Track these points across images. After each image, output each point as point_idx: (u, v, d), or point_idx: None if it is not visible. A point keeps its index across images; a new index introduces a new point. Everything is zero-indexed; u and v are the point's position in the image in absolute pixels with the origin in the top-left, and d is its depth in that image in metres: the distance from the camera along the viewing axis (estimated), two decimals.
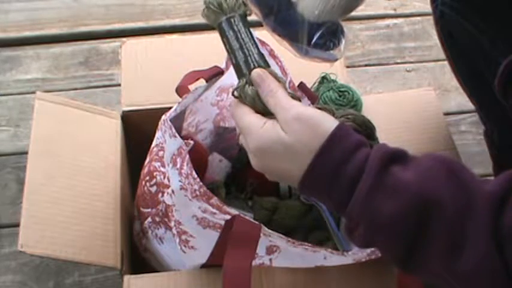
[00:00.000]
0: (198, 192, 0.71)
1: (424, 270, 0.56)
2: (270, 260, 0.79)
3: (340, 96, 0.99)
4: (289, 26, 0.72)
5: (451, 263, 0.53)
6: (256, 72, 0.65)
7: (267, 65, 0.67)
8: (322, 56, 0.75)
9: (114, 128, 0.98)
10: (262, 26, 0.76)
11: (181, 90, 0.85)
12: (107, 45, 1.42)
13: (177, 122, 0.84)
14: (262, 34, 0.89)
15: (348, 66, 1.22)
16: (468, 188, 0.54)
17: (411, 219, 0.54)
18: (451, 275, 0.54)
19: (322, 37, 0.72)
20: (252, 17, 0.77)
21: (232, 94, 0.67)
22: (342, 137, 0.57)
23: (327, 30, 0.72)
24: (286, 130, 0.59)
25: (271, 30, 0.74)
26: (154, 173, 0.84)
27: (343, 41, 0.74)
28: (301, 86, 0.90)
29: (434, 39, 1.02)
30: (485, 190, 0.54)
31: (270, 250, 0.78)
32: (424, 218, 0.54)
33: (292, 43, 0.74)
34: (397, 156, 0.56)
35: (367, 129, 0.79)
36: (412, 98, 1.03)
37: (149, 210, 0.86)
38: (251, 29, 0.70)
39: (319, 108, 0.62)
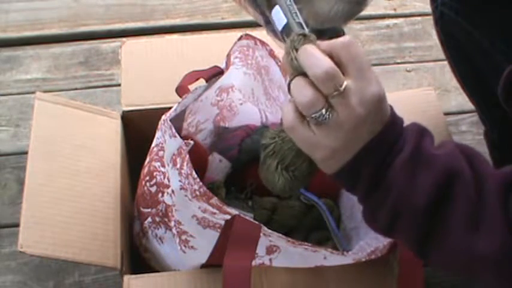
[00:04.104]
0: (198, 192, 0.71)
1: (443, 250, 0.57)
2: (270, 260, 0.79)
3: None
4: (292, 33, 0.72)
5: (470, 239, 0.55)
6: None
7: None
8: None
9: (114, 128, 0.98)
10: (262, 26, 0.76)
11: (181, 90, 0.85)
12: (107, 45, 1.42)
13: (177, 122, 0.84)
14: (263, 34, 0.90)
15: None
16: (483, 169, 0.57)
17: (440, 190, 0.56)
18: (468, 253, 0.56)
19: None
20: (249, 18, 0.77)
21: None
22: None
23: (330, 36, 0.72)
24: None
25: (273, 36, 0.74)
26: (154, 173, 0.84)
27: None
28: None
29: (434, 39, 1.01)
30: (497, 173, 0.57)
31: (270, 250, 0.78)
32: (450, 189, 0.56)
33: None
34: (428, 134, 0.59)
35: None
36: (412, 98, 1.03)
37: (149, 210, 0.86)
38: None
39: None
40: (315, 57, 0.56)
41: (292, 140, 0.59)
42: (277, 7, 0.65)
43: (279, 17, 0.65)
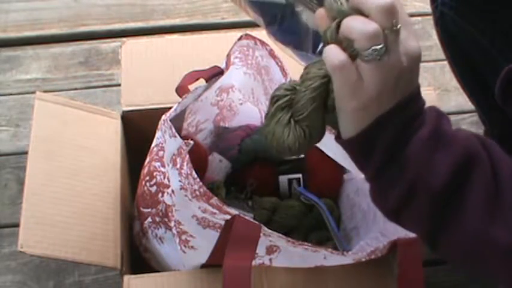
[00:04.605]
0: (198, 192, 0.71)
1: (455, 236, 0.57)
2: (270, 260, 0.79)
3: None
4: (293, 35, 0.72)
5: (486, 225, 0.55)
6: None
7: None
8: None
9: (114, 128, 0.98)
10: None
11: (181, 90, 0.85)
12: (107, 45, 1.42)
13: (177, 122, 0.84)
14: (263, 34, 0.89)
15: None
16: (497, 155, 0.58)
17: (457, 171, 0.55)
18: (483, 238, 0.55)
19: None
20: (249, 18, 0.76)
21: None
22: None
23: None
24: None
25: (274, 38, 0.74)
26: (154, 173, 0.84)
27: None
28: None
29: (434, 39, 1.01)
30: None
31: (270, 250, 0.78)
32: (468, 171, 0.55)
33: (296, 51, 0.73)
34: (446, 117, 0.59)
35: None
36: None
37: (149, 210, 0.86)
38: None
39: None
40: None
41: (311, 93, 0.58)
42: None
43: None
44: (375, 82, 0.55)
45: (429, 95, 1.03)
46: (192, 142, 0.74)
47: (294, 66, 0.90)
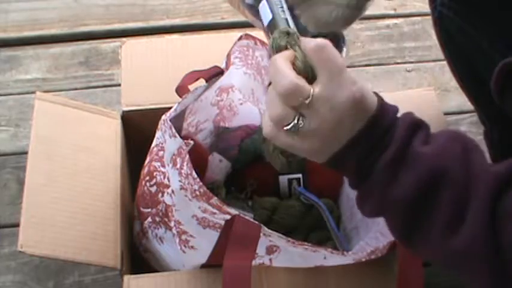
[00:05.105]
0: (198, 192, 0.71)
1: (424, 244, 0.58)
2: (270, 260, 0.79)
3: None
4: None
5: (449, 237, 0.56)
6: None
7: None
8: None
9: (114, 128, 0.98)
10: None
11: (181, 90, 0.85)
12: (107, 45, 1.42)
13: (177, 122, 0.84)
14: (262, 34, 0.90)
15: (348, 66, 1.21)
16: (475, 167, 0.56)
17: (422, 190, 0.56)
18: (447, 250, 0.56)
19: None
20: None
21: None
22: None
23: (330, 40, 0.72)
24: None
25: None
26: (154, 173, 0.84)
27: (345, 50, 0.75)
28: None
29: (434, 39, 1.01)
30: (491, 171, 0.56)
31: (270, 250, 0.78)
32: (434, 189, 0.56)
33: None
34: (421, 127, 0.59)
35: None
36: (412, 98, 1.03)
37: (149, 210, 0.86)
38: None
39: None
40: (279, 72, 0.56)
41: None
42: (264, 1, 0.65)
43: (265, 11, 0.65)
44: (306, 145, 0.58)
45: (429, 95, 1.03)
46: (192, 142, 0.74)
47: None
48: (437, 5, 0.94)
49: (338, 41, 0.74)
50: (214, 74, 0.87)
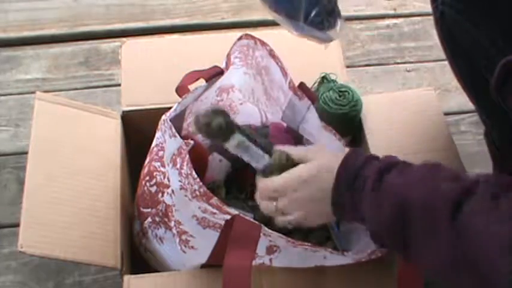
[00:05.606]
0: (198, 192, 0.71)
1: (421, 261, 0.67)
2: (270, 260, 0.79)
3: (340, 96, 0.99)
4: (286, 3, 0.73)
5: (430, 257, 0.64)
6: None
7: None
8: (318, 35, 0.78)
9: (114, 128, 0.98)
10: (262, 26, 0.76)
11: (181, 90, 0.85)
12: (106, 45, 1.42)
13: (177, 122, 0.84)
14: (262, 34, 0.90)
15: (348, 66, 1.22)
16: (438, 191, 0.63)
17: (399, 220, 0.65)
18: (434, 267, 0.65)
19: (318, 15, 0.74)
20: (249, 17, 0.76)
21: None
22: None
23: (324, 8, 0.73)
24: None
25: (268, 6, 0.74)
26: (154, 173, 0.84)
27: (339, 23, 0.76)
28: (301, 86, 0.90)
29: (434, 39, 1.01)
30: (450, 190, 0.63)
31: (270, 250, 0.78)
32: (406, 218, 0.65)
33: (289, 20, 0.75)
34: (393, 165, 0.69)
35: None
36: (412, 98, 1.03)
37: (149, 210, 0.86)
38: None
39: None
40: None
41: None
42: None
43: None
44: (298, 218, 0.77)
45: (429, 95, 1.03)
46: (192, 142, 0.74)
47: (294, 66, 0.90)
48: (438, 4, 0.94)
49: (332, 11, 0.76)
50: (214, 74, 0.87)
